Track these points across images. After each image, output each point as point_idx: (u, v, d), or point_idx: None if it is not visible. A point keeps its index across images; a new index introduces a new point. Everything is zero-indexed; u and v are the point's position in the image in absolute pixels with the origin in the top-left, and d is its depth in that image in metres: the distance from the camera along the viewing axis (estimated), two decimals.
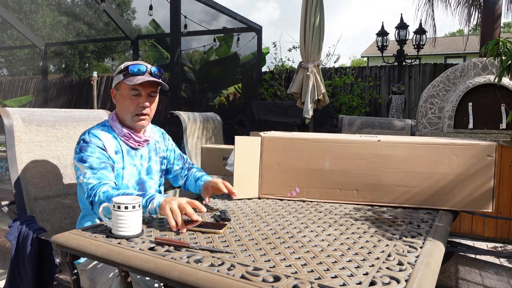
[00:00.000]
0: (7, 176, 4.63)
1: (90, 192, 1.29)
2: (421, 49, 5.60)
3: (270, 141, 1.51)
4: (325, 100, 4.02)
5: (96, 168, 1.36)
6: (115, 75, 1.50)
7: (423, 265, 0.88)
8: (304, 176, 1.51)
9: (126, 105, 1.46)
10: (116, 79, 1.49)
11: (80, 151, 1.37)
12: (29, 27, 11.59)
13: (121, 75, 1.46)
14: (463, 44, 6.87)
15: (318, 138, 1.52)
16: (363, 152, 1.48)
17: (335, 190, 1.50)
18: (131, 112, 1.46)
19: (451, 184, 1.43)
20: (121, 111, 1.49)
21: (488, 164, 1.41)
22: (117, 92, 1.50)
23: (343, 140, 1.50)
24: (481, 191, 1.41)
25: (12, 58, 14.99)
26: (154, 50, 7.70)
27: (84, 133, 1.43)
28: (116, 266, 0.96)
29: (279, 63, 6.89)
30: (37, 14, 14.81)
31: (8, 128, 1.57)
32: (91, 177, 1.33)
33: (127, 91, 1.45)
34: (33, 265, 1.34)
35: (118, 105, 1.49)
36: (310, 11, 3.85)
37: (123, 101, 1.47)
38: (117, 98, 1.50)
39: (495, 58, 2.08)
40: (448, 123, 3.43)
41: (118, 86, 1.48)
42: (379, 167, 1.47)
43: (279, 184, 1.52)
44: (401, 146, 1.46)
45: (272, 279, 0.80)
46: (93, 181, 1.32)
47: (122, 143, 1.48)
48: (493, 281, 1.89)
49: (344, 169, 1.49)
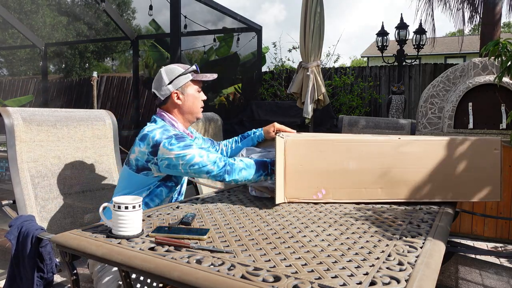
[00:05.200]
0: (7, 176, 4.63)
1: (220, 163, 1.42)
2: (421, 49, 5.60)
3: (293, 143, 1.49)
4: (325, 100, 4.02)
5: (204, 148, 1.47)
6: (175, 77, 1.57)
7: (423, 265, 0.88)
8: (329, 177, 1.50)
9: (196, 101, 1.61)
10: (181, 79, 1.57)
11: (179, 141, 1.43)
12: (29, 27, 11.58)
13: (189, 75, 1.58)
14: (463, 45, 6.88)
15: (341, 139, 1.52)
16: (386, 151, 1.50)
17: (360, 189, 1.51)
18: (200, 106, 1.64)
19: (465, 177, 1.53)
20: (189, 109, 1.61)
21: (495, 157, 1.53)
22: (182, 93, 1.58)
23: (366, 139, 1.52)
24: (491, 182, 1.53)
25: (12, 58, 14.99)
26: (154, 50, 7.70)
27: (165, 130, 1.46)
28: (116, 266, 0.96)
29: (279, 63, 6.89)
30: (37, 14, 14.80)
31: (9, 128, 1.57)
32: (209, 153, 1.43)
33: (195, 89, 1.61)
34: (33, 265, 1.34)
35: (186, 105, 1.59)
36: (310, 11, 3.85)
37: (192, 99, 1.60)
38: (183, 98, 1.59)
39: (495, 59, 2.08)
40: (448, 123, 3.43)
41: (184, 87, 1.58)
42: (401, 164, 1.51)
43: (304, 187, 1.50)
44: (421, 143, 1.52)
45: (272, 279, 0.80)
46: (214, 154, 1.44)
47: None
48: (493, 281, 1.89)
49: (368, 168, 1.50)
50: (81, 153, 1.82)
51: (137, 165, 1.49)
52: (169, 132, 1.46)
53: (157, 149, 1.43)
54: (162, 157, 1.43)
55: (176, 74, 1.58)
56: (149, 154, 1.45)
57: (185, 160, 1.40)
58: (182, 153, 1.40)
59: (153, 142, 1.44)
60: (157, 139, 1.43)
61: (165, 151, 1.42)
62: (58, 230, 1.65)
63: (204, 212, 1.34)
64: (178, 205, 1.44)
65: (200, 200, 1.52)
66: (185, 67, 1.60)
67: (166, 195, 1.56)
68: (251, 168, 1.46)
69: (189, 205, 1.44)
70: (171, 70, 1.59)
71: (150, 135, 1.45)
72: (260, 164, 1.49)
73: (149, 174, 1.50)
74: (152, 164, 1.46)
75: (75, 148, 1.80)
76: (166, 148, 1.41)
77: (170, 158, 1.41)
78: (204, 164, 1.41)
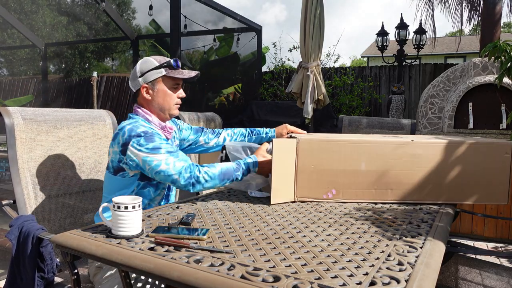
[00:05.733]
0: (7, 176, 4.63)
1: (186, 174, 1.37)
2: (421, 49, 5.59)
3: (306, 143, 1.50)
4: (325, 100, 4.02)
5: (174, 151, 1.41)
6: (147, 70, 1.50)
7: (423, 265, 0.88)
8: (340, 177, 1.51)
9: (168, 98, 1.52)
10: (153, 74, 1.50)
11: (147, 142, 1.38)
12: (29, 27, 11.58)
13: (162, 69, 1.49)
14: (462, 44, 6.88)
15: (354, 140, 1.53)
16: (398, 152, 1.51)
17: (370, 190, 1.52)
18: (173, 103, 1.54)
19: (474, 179, 1.54)
20: (159, 105, 1.52)
21: (505, 161, 1.54)
22: (153, 87, 1.51)
23: (378, 141, 1.53)
24: (500, 185, 1.55)
25: (12, 58, 14.99)
26: (154, 50, 7.71)
27: (134, 127, 1.40)
28: (116, 266, 0.96)
29: (279, 63, 6.88)
30: (37, 14, 14.81)
31: (9, 128, 1.57)
32: (176, 161, 1.38)
33: (170, 85, 1.53)
34: (34, 265, 1.34)
35: (156, 100, 1.52)
36: (310, 11, 3.85)
37: (164, 95, 1.52)
38: (153, 94, 1.51)
39: (495, 60, 2.09)
40: (448, 123, 3.44)
41: (155, 82, 1.50)
42: (412, 166, 1.52)
43: (314, 186, 1.51)
44: (433, 145, 1.53)
45: (272, 279, 0.80)
46: (181, 163, 1.38)
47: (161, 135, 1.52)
48: (493, 281, 1.89)
49: (379, 169, 1.51)
50: (81, 153, 1.82)
51: (113, 167, 1.46)
52: (138, 129, 1.40)
53: (126, 148, 1.39)
54: (130, 157, 1.39)
55: (149, 67, 1.50)
56: (120, 153, 1.41)
57: (151, 166, 1.37)
58: (149, 158, 1.36)
59: (122, 140, 1.40)
60: (126, 137, 1.39)
61: (133, 151, 1.38)
62: (58, 230, 1.65)
63: (204, 212, 1.34)
64: (178, 205, 1.44)
65: (200, 200, 1.52)
66: (162, 61, 1.51)
67: (154, 193, 1.52)
68: (215, 179, 1.43)
69: (189, 205, 1.44)
70: (145, 62, 1.52)
71: (120, 134, 1.41)
72: (224, 173, 1.45)
73: (126, 174, 1.46)
74: (124, 164, 1.43)
75: (75, 148, 1.80)
76: (134, 149, 1.38)
77: (138, 160, 1.38)
78: (169, 173, 1.37)
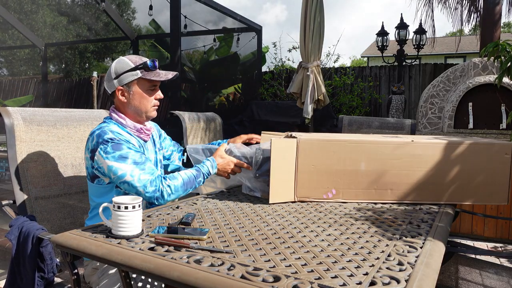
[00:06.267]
0: (7, 176, 4.63)
1: (150, 188, 1.33)
2: (421, 49, 5.59)
3: (306, 143, 1.50)
4: (325, 100, 4.02)
5: (141, 162, 1.37)
6: (122, 72, 1.45)
7: (423, 265, 0.88)
8: (340, 177, 1.51)
9: (144, 101, 1.48)
10: (128, 76, 1.44)
11: (114, 150, 1.34)
12: (29, 27, 11.58)
13: (137, 71, 1.44)
14: (462, 44, 6.88)
15: (354, 139, 1.53)
16: (397, 153, 1.51)
17: (370, 190, 1.52)
18: (150, 106, 1.49)
19: (474, 179, 1.54)
20: (135, 107, 1.47)
21: (506, 161, 1.54)
22: (128, 90, 1.46)
23: (378, 141, 1.53)
24: (500, 186, 1.55)
25: (12, 58, 14.99)
26: (154, 50, 7.71)
27: (102, 133, 1.37)
28: (116, 266, 0.96)
29: (279, 63, 6.88)
30: (37, 14, 14.81)
31: (9, 128, 1.57)
32: (141, 173, 1.34)
33: (146, 87, 1.47)
34: (34, 265, 1.34)
35: (132, 102, 1.47)
36: (310, 11, 3.85)
37: (140, 97, 1.46)
38: (129, 96, 1.46)
39: (495, 60, 2.09)
40: (448, 123, 3.44)
41: (130, 84, 1.45)
42: (412, 166, 1.52)
43: (314, 186, 1.51)
44: (433, 146, 1.52)
45: (272, 279, 0.80)
46: (146, 176, 1.35)
47: (137, 138, 1.49)
48: (493, 281, 1.89)
49: (379, 169, 1.51)
50: (81, 153, 1.82)
51: (89, 174, 1.44)
52: (106, 135, 1.36)
53: (94, 155, 1.37)
54: (98, 164, 1.38)
55: (124, 69, 1.45)
56: (90, 159, 1.40)
57: (117, 175, 1.34)
58: (115, 167, 1.33)
59: (91, 147, 1.38)
60: (94, 143, 1.37)
61: (100, 158, 1.36)
62: (58, 230, 1.65)
63: (204, 212, 1.34)
64: (178, 205, 1.44)
65: (200, 200, 1.52)
66: (137, 62, 1.45)
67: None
68: (179, 191, 1.42)
69: (189, 205, 1.44)
70: (120, 63, 1.46)
71: (90, 139, 1.40)
72: (186, 184, 1.44)
73: (101, 182, 1.43)
74: (96, 170, 1.41)
75: (75, 148, 1.80)
76: (101, 156, 1.35)
77: (103, 168, 1.36)
78: (134, 185, 1.34)
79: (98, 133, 1.38)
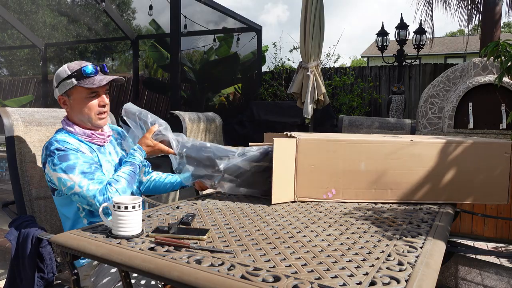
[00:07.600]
0: (7, 176, 4.63)
1: (100, 198, 1.28)
2: (421, 49, 5.59)
3: (305, 143, 1.50)
4: (325, 100, 4.02)
5: (89, 172, 1.33)
6: (60, 81, 1.42)
7: (423, 265, 0.88)
8: (339, 177, 1.51)
9: (85, 109, 1.42)
10: (64, 85, 1.41)
11: (61, 161, 1.31)
12: (29, 27, 11.58)
13: (72, 79, 1.39)
14: (463, 44, 6.88)
15: (354, 139, 1.53)
16: (397, 152, 1.51)
17: (369, 190, 1.52)
18: (93, 114, 1.43)
19: (474, 179, 1.54)
20: (78, 116, 1.43)
21: (505, 160, 1.53)
22: (68, 98, 1.42)
23: (378, 141, 1.53)
24: (499, 185, 1.54)
25: (12, 58, 14.99)
26: (154, 50, 7.70)
27: (49, 145, 1.36)
28: (116, 266, 0.96)
29: (279, 63, 6.88)
30: (37, 14, 14.81)
31: (8, 128, 1.57)
32: (90, 183, 1.31)
33: (85, 95, 1.41)
34: (33, 265, 1.34)
35: (74, 111, 1.43)
36: (310, 11, 3.85)
37: (80, 106, 1.42)
38: (70, 104, 1.43)
39: (495, 60, 2.09)
40: (448, 123, 3.43)
41: (69, 91, 1.41)
42: (412, 166, 1.52)
43: (314, 186, 1.51)
44: (432, 145, 1.53)
45: (272, 279, 0.80)
46: (95, 186, 1.30)
47: (89, 143, 1.46)
48: (494, 281, 1.89)
49: (379, 169, 1.51)
50: None
51: (50, 186, 1.43)
52: (52, 146, 1.34)
53: (45, 167, 1.37)
54: (49, 177, 1.37)
55: (61, 77, 1.41)
56: (44, 171, 1.39)
57: (66, 187, 1.32)
58: (63, 178, 1.31)
59: (42, 159, 1.38)
60: (43, 156, 1.36)
61: (49, 171, 1.34)
62: (57, 231, 1.65)
63: (204, 212, 1.34)
64: (178, 205, 1.43)
65: (200, 200, 1.52)
66: (74, 69, 1.40)
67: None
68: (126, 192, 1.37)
69: (189, 205, 1.44)
70: (60, 71, 1.42)
71: (42, 152, 1.39)
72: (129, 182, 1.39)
73: (61, 193, 1.41)
74: (49, 183, 1.40)
75: None
76: (50, 168, 1.33)
77: (54, 180, 1.35)
78: (84, 196, 1.31)
79: (46, 145, 1.37)
